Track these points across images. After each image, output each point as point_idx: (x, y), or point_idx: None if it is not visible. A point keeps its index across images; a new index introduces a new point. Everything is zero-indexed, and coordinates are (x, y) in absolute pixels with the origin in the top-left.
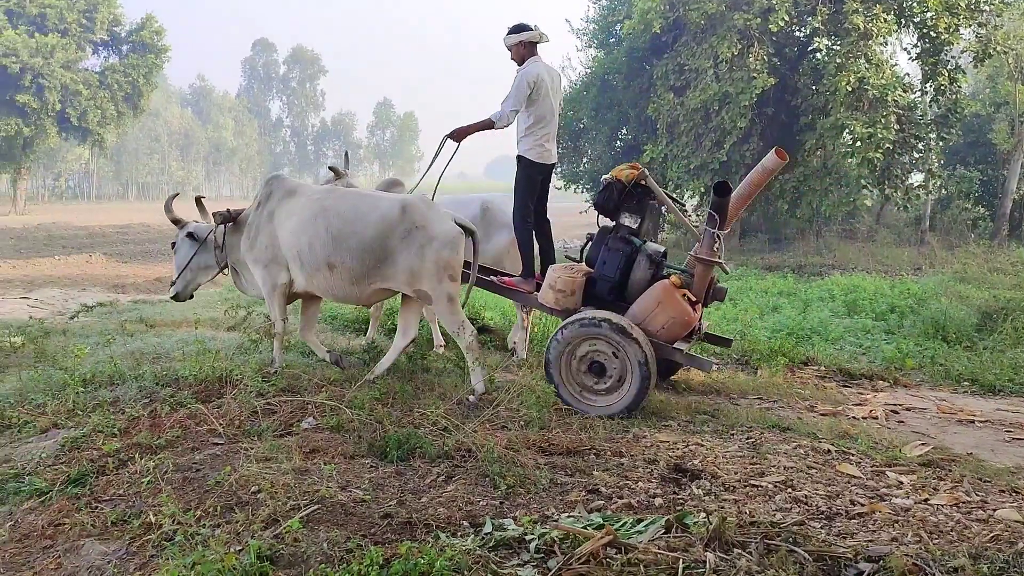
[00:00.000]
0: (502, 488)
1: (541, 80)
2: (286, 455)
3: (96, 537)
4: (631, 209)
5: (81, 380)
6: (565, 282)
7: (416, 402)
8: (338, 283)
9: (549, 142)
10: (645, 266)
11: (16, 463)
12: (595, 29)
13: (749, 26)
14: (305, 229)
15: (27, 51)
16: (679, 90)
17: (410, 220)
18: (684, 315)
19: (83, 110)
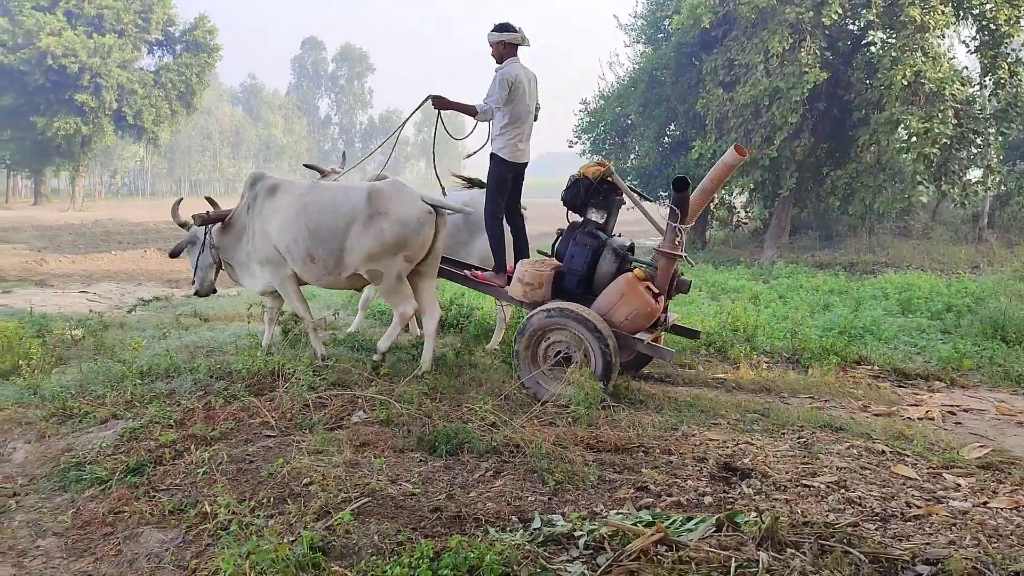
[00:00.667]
0: (550, 484)
1: (519, 81)
2: (337, 448)
3: (154, 525)
4: (598, 205)
5: (138, 372)
6: (532, 276)
7: (463, 397)
8: (320, 272)
9: (523, 142)
10: (611, 259)
11: (78, 452)
12: (643, 24)
13: (801, 20)
14: (289, 226)
15: (85, 51)
16: (728, 85)
17: (374, 206)
18: (647, 307)
19: (138, 109)
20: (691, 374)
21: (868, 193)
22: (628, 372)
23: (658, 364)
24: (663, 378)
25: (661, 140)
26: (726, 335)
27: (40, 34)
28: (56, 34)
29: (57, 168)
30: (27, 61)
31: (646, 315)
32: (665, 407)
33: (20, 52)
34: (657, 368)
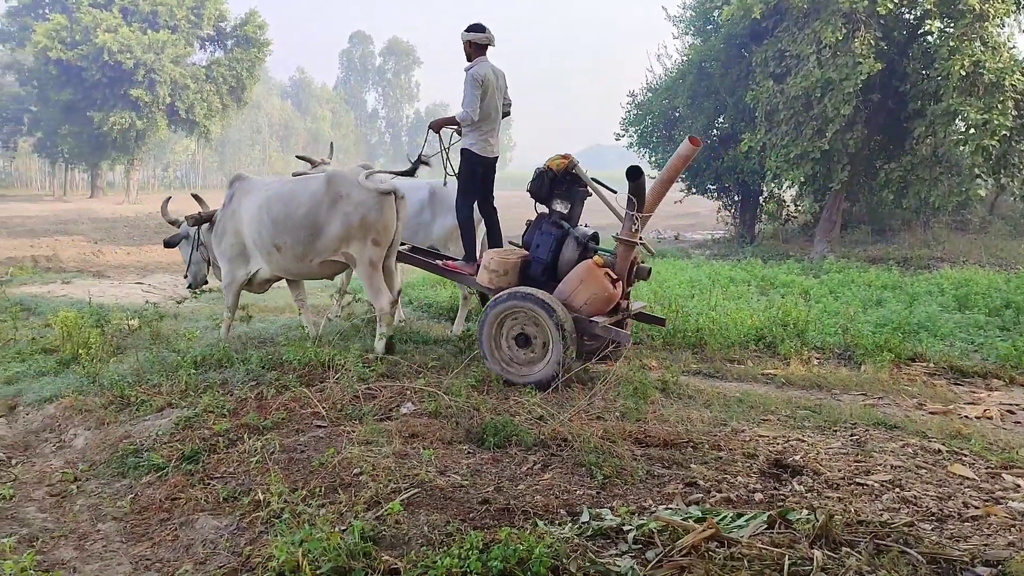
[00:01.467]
0: (599, 478)
1: (487, 79)
2: (386, 439)
3: (209, 512)
4: (561, 196)
5: (193, 362)
6: (498, 263)
7: (510, 390)
8: (288, 262)
9: (493, 137)
10: (573, 248)
11: (135, 439)
12: (692, 16)
13: (855, 9)
14: (254, 219)
15: (140, 47)
16: (779, 77)
17: (334, 191)
18: (604, 292)
19: (191, 103)
20: (740, 370)
21: (923, 186)
22: (591, 358)
23: (705, 359)
24: (712, 374)
25: (709, 133)
26: (776, 330)
27: (97, 31)
28: (112, 31)
29: (112, 162)
30: (85, 57)
31: (604, 300)
32: (714, 403)
33: (78, 48)
34: (705, 363)
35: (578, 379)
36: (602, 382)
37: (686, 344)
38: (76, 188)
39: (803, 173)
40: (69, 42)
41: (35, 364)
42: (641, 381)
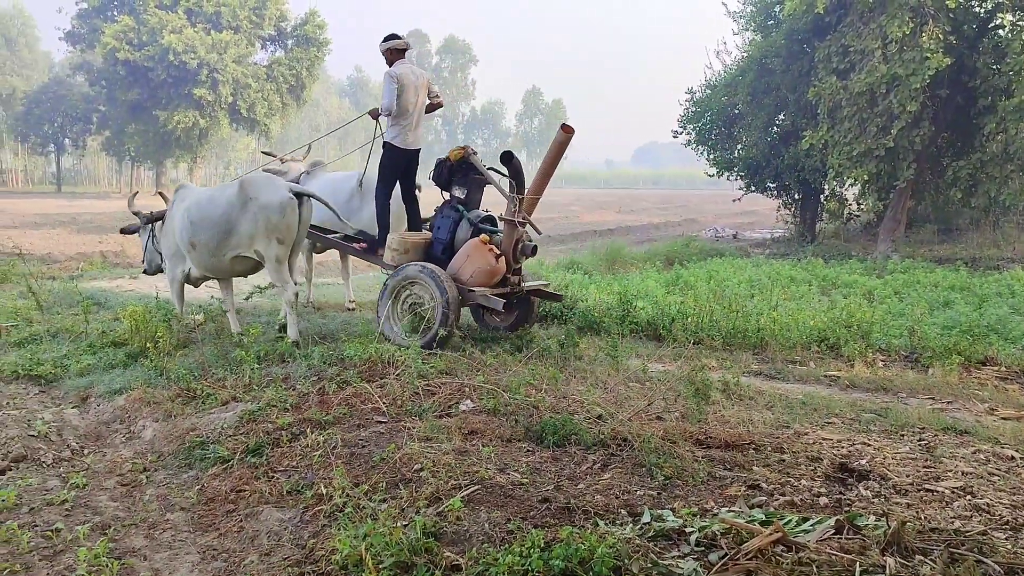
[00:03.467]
0: (659, 479)
1: (404, 77)
2: (446, 436)
3: (273, 504)
4: (459, 183)
5: (256, 357)
6: (399, 243)
7: (568, 388)
8: (203, 257)
9: (412, 131)
10: (466, 228)
11: (202, 432)
12: (753, 11)
13: (923, 3)
14: (178, 221)
15: (204, 48)
16: (843, 73)
17: (245, 194)
18: (488, 265)
19: (252, 102)
20: (802, 371)
21: (993, 185)
22: (515, 327)
23: (766, 360)
24: (773, 375)
25: (769, 130)
26: (839, 331)
27: (163, 32)
28: (177, 32)
29: (176, 160)
30: (151, 58)
31: (488, 273)
32: (776, 404)
33: (145, 49)
34: (766, 364)
35: (637, 379)
36: (661, 382)
37: (747, 345)
38: (142, 185)
39: (867, 171)
40: (136, 43)
41: (105, 357)
42: (703, 382)
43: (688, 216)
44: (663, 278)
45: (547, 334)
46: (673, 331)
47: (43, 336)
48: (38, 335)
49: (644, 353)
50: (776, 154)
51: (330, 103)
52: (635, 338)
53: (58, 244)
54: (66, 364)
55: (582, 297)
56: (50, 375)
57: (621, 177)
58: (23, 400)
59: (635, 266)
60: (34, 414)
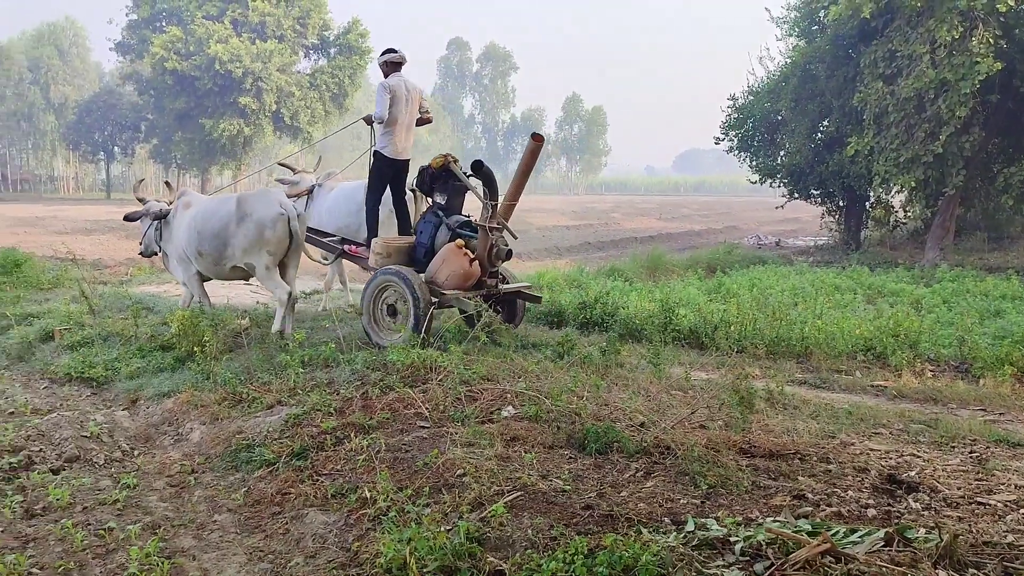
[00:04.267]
0: (703, 487)
1: (396, 89)
2: (488, 441)
3: (318, 507)
4: (440, 189)
5: (300, 361)
6: (381, 247)
7: (609, 396)
8: (208, 265)
9: (401, 142)
10: (445, 233)
11: (248, 435)
12: (797, 17)
13: (973, 7)
14: (185, 230)
15: (249, 57)
16: (889, 78)
17: (242, 210)
18: (461, 269)
19: (295, 110)
20: (848, 380)
21: None
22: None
23: (811, 369)
24: (818, 384)
25: (813, 136)
26: (886, 340)
27: (209, 41)
28: (223, 41)
29: (221, 167)
30: (198, 67)
31: (461, 276)
32: (821, 414)
33: (192, 59)
34: (811, 373)
35: (679, 387)
36: (704, 391)
37: (790, 353)
38: None
39: (914, 178)
40: (184, 53)
41: (154, 360)
42: (747, 390)
43: (730, 223)
44: (705, 286)
45: (588, 341)
46: (716, 339)
47: (95, 339)
48: (90, 338)
49: (686, 361)
50: (820, 160)
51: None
52: (677, 346)
53: (108, 249)
54: (117, 367)
55: (623, 304)
56: (101, 377)
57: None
58: (76, 401)
59: (676, 273)
60: (87, 415)
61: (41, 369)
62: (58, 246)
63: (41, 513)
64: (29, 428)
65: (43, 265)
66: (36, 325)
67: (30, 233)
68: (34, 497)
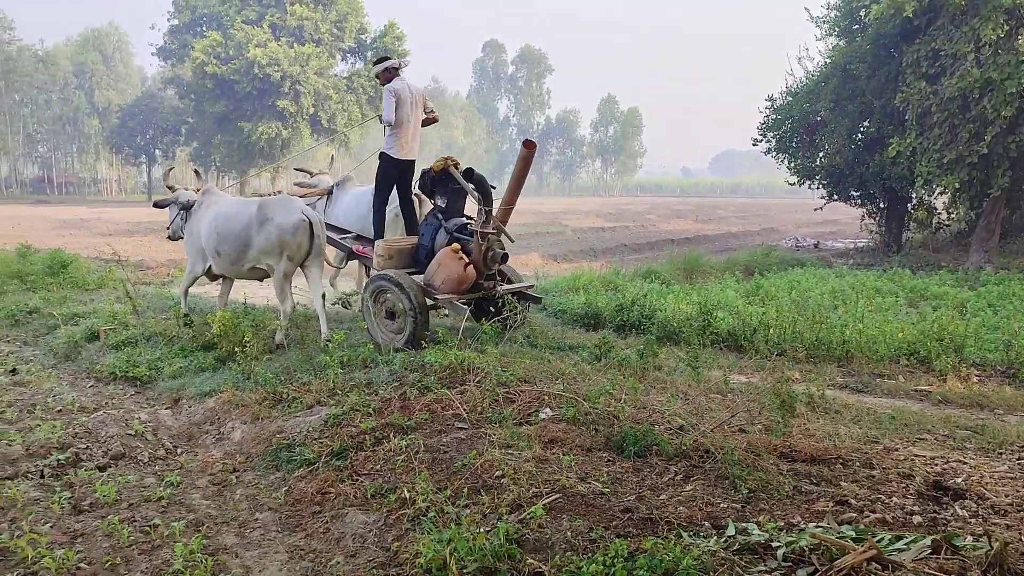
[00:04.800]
0: (743, 491)
1: (402, 92)
2: (526, 443)
3: (358, 507)
4: (440, 192)
5: (339, 362)
6: (384, 249)
7: (647, 398)
8: (226, 264)
9: (407, 143)
10: (443, 236)
11: (288, 434)
12: (837, 16)
13: (1019, 4)
14: (206, 229)
15: (287, 60)
16: (932, 78)
17: (263, 215)
18: (456, 273)
19: (332, 113)
20: (891, 385)
21: None
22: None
23: (852, 372)
24: (859, 388)
25: (853, 137)
26: (930, 344)
27: (248, 46)
28: (262, 45)
29: (259, 169)
30: (237, 71)
31: (456, 280)
32: (863, 418)
33: (231, 63)
34: (852, 377)
35: (718, 390)
36: (743, 394)
37: (831, 357)
38: None
39: (958, 179)
40: (223, 57)
41: (196, 360)
42: (787, 394)
43: (767, 225)
44: (743, 288)
45: (626, 344)
46: (755, 342)
47: (138, 339)
48: (134, 338)
49: (725, 364)
50: (860, 162)
51: None
52: (715, 349)
53: (150, 251)
54: (159, 366)
55: (660, 307)
56: (145, 376)
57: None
58: (121, 400)
59: (714, 276)
60: (131, 414)
61: (87, 368)
62: (102, 247)
63: (88, 509)
64: (76, 426)
65: (88, 266)
66: (82, 325)
67: (75, 235)
68: (81, 493)
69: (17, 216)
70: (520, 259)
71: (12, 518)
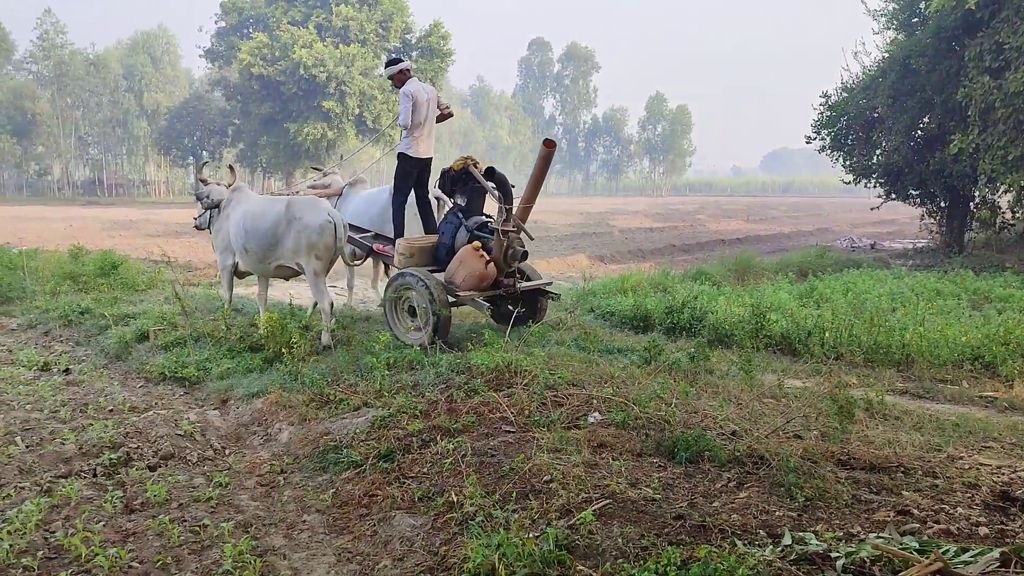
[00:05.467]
0: (799, 500)
1: (417, 94)
2: (575, 448)
3: (405, 510)
4: (460, 191)
5: (386, 364)
6: (404, 247)
7: (699, 403)
8: (253, 262)
9: (423, 143)
10: (464, 234)
11: (335, 436)
12: (895, 9)
13: None
14: (234, 226)
15: (332, 61)
16: (996, 72)
17: (291, 214)
18: (478, 271)
19: (377, 113)
20: (953, 391)
21: None
22: (523, 322)
23: (912, 378)
24: (921, 394)
25: (912, 134)
26: (996, 349)
27: (294, 47)
28: (308, 46)
29: (305, 170)
30: (283, 72)
31: (477, 277)
32: (925, 425)
33: (277, 64)
34: (912, 382)
35: (772, 395)
36: (798, 399)
37: (890, 361)
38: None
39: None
40: (270, 58)
41: (243, 361)
42: (845, 399)
43: (821, 225)
44: (797, 290)
45: (676, 347)
46: (809, 346)
47: (187, 340)
48: (183, 339)
49: (779, 368)
50: (920, 159)
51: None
52: (769, 353)
53: (197, 252)
54: (208, 367)
55: (711, 309)
56: (194, 377)
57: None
58: (170, 400)
59: (766, 277)
60: (180, 414)
61: (137, 368)
62: (152, 248)
63: (140, 508)
64: (127, 425)
65: (138, 267)
66: (132, 325)
67: (125, 236)
68: (133, 492)
69: (70, 217)
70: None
71: (66, 516)
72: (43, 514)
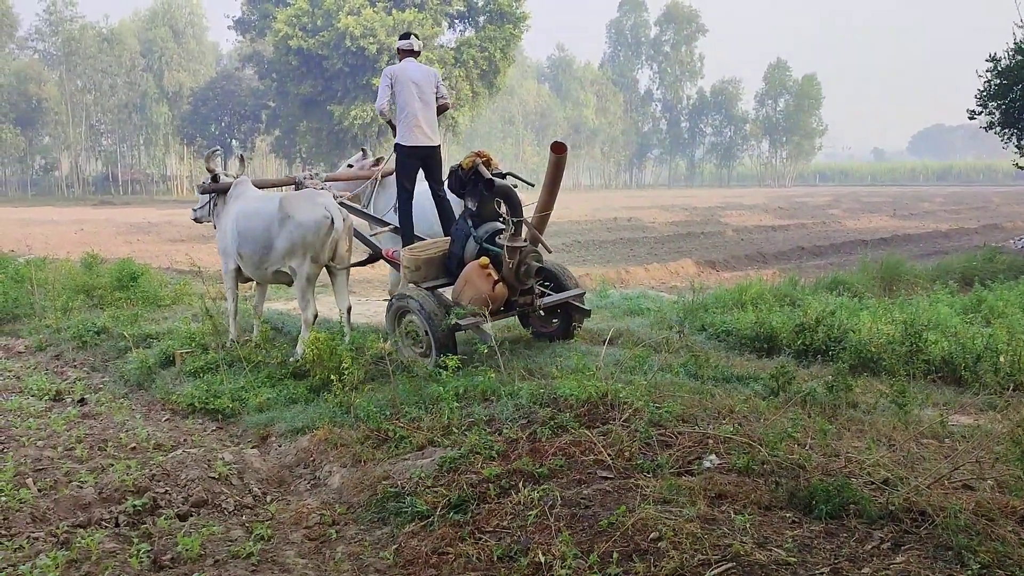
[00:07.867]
0: (973, 567)
1: (397, 76)
2: (688, 498)
3: (482, 572)
4: (471, 193)
5: (454, 393)
6: (409, 259)
7: (840, 444)
8: (249, 267)
9: (416, 127)
10: (473, 245)
11: (396, 481)
12: None
13: None
14: (230, 227)
15: (384, 30)
16: None
17: (283, 211)
18: (483, 292)
19: None
20: None
21: None
22: (555, 338)
23: None
24: None
25: None
26: None
27: (339, 14)
28: (355, 13)
29: None
30: (325, 44)
31: (483, 299)
32: None
33: (319, 35)
34: None
35: (933, 434)
36: (964, 439)
37: None
38: None
39: None
40: (310, 28)
41: (285, 390)
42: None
43: (988, 221)
44: (959, 303)
45: (809, 374)
46: (979, 373)
47: (220, 364)
48: (214, 363)
49: (941, 401)
50: None
51: (526, 90)
52: (926, 381)
53: None
54: (244, 397)
55: (853, 327)
56: (228, 409)
57: (895, 171)
58: (201, 437)
59: (920, 287)
60: (213, 453)
61: (162, 398)
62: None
63: (170, 565)
64: (153, 466)
65: (161, 278)
66: (156, 347)
67: (144, 241)
68: (162, 546)
69: (81, 220)
70: (669, 267)
71: (86, 572)
72: (60, 570)
